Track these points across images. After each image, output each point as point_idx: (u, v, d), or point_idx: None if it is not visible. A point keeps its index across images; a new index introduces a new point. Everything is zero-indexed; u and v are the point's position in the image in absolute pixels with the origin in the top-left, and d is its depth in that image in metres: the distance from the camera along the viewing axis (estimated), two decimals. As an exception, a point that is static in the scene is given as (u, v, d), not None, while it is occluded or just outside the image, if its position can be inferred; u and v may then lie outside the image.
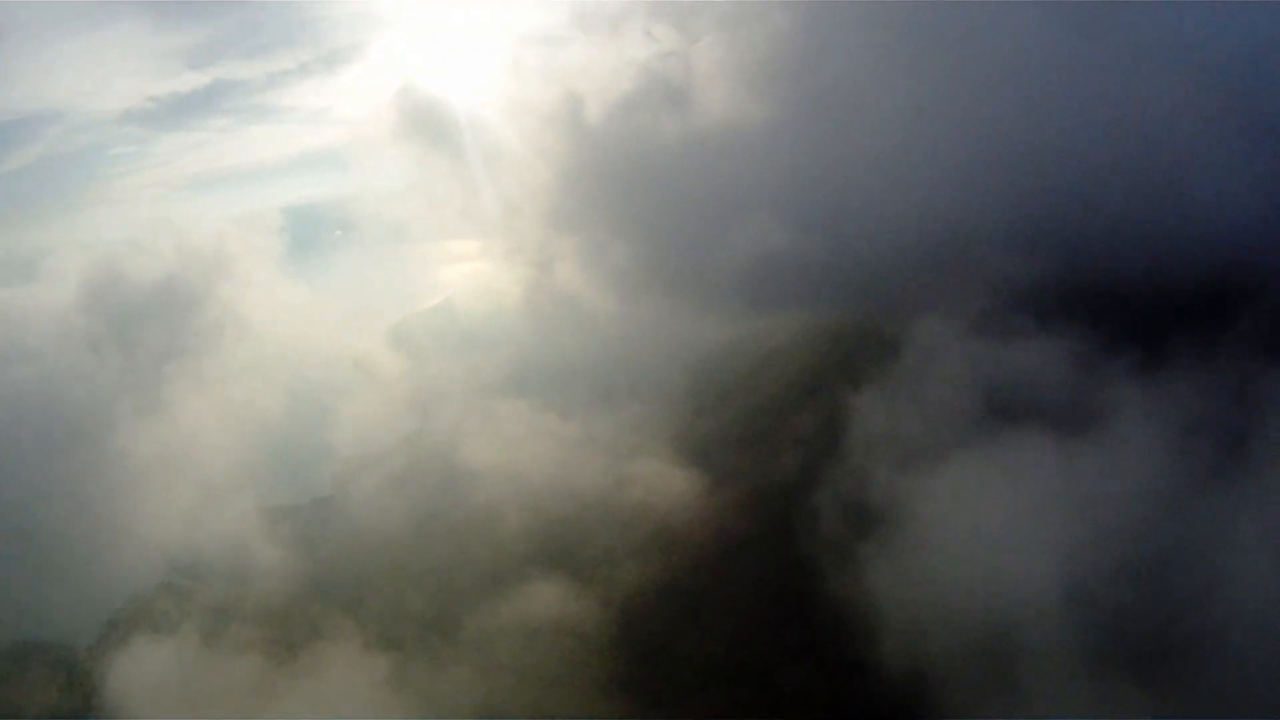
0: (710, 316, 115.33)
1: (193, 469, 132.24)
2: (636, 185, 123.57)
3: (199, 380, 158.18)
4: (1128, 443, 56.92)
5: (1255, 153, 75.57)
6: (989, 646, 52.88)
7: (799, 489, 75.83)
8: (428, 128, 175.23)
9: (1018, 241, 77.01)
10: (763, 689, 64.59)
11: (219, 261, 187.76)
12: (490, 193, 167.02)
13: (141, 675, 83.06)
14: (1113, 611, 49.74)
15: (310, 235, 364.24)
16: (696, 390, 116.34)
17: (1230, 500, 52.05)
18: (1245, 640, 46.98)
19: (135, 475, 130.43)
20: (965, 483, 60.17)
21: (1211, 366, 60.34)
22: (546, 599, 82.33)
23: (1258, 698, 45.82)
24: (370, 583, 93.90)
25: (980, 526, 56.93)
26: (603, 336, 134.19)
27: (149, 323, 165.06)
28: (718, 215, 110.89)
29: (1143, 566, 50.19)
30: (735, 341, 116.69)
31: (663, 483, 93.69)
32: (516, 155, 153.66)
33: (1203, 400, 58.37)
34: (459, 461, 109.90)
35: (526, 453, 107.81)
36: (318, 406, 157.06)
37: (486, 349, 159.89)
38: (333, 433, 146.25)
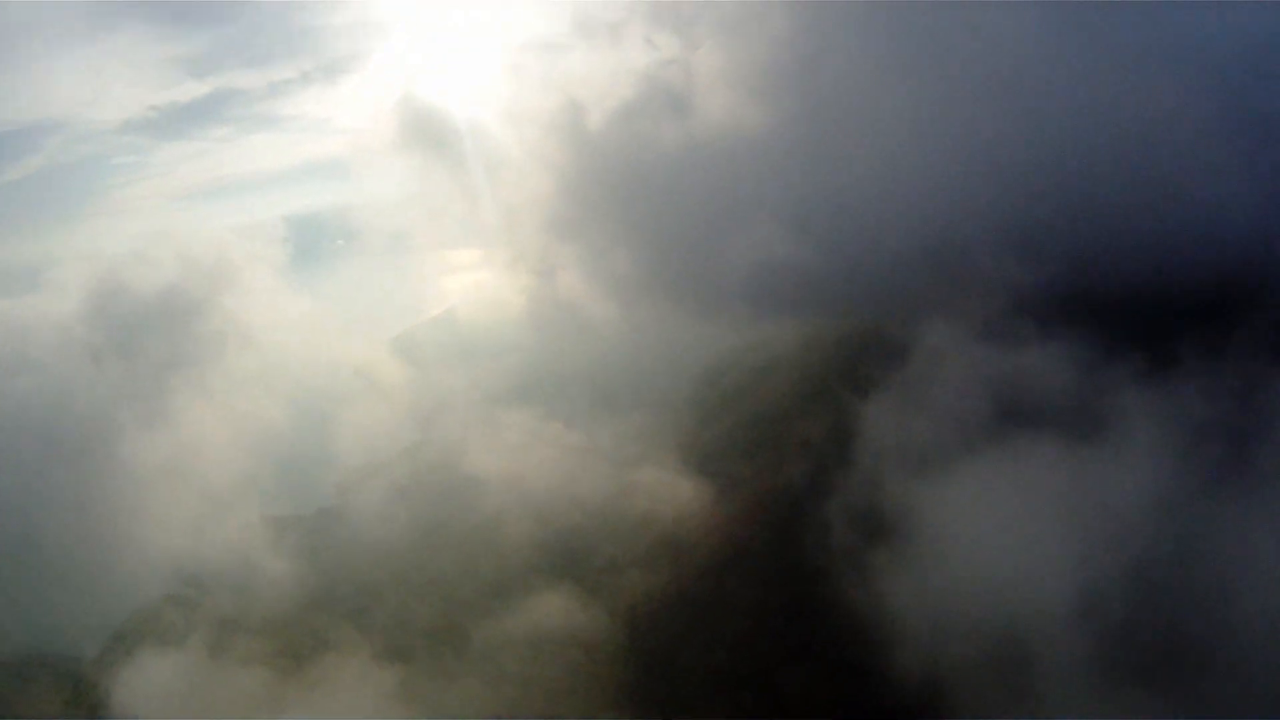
0: (714, 323, 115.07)
1: (196, 479, 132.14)
2: (638, 192, 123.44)
3: (202, 390, 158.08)
4: (1135, 447, 56.88)
5: (1257, 154, 75.60)
6: (1000, 652, 52.76)
7: (805, 496, 75.56)
8: (429, 136, 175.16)
9: (1021, 246, 76.90)
10: (770, 697, 64.44)
11: (221, 271, 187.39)
12: (492, 201, 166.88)
13: (147, 687, 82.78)
14: (1123, 616, 49.66)
15: (312, 245, 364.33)
16: (701, 398, 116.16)
17: (1238, 503, 52.02)
18: (1255, 643, 46.92)
19: (139, 486, 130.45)
20: (974, 489, 60.09)
21: (1218, 370, 60.30)
22: (553, 609, 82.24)
23: (1269, 701, 45.76)
24: (376, 593, 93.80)
25: (990, 532, 56.83)
26: (606, 344, 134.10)
27: (151, 333, 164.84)
28: (720, 222, 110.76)
29: (1152, 571, 50.12)
30: (739, 348, 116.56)
31: (668, 491, 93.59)
32: (518, 163, 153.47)
33: (1209, 404, 58.32)
34: (463, 471, 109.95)
35: (531, 462, 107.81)
36: (321, 416, 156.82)
37: (490, 358, 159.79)
38: (336, 442, 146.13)
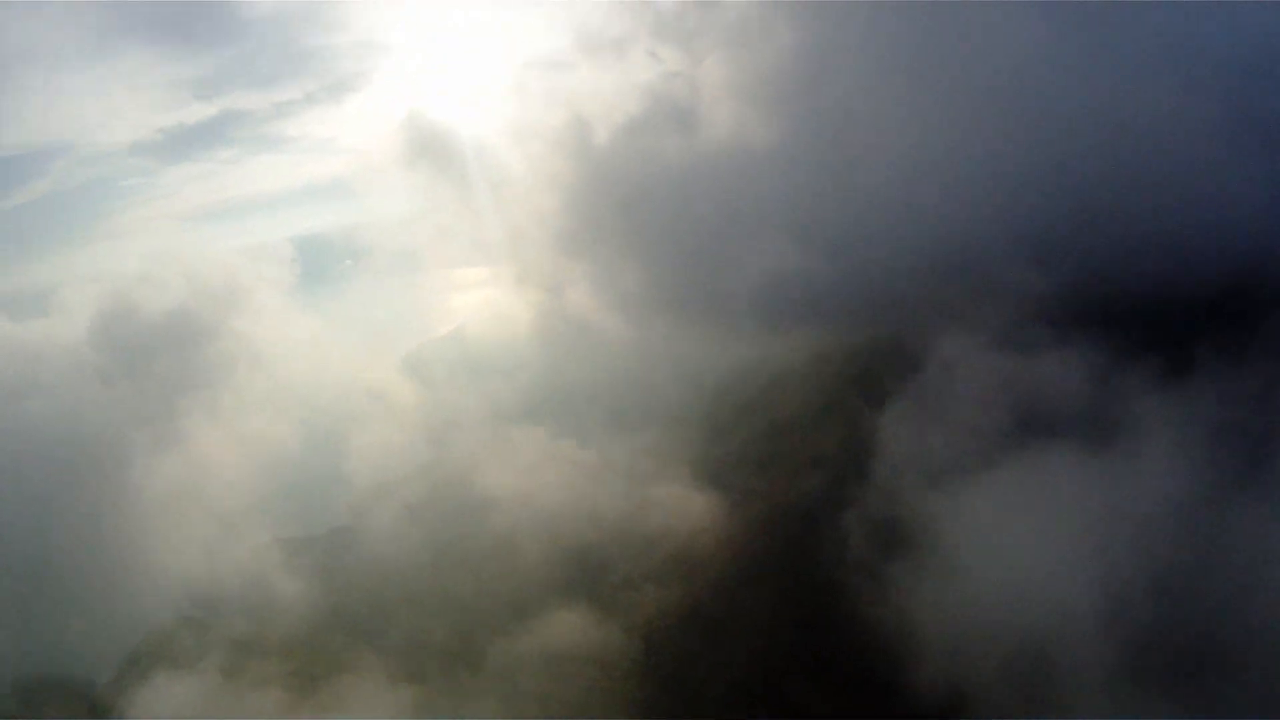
0: (724, 338, 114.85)
1: (208, 501, 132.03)
2: (646, 208, 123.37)
3: (213, 412, 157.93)
4: (1154, 452, 56.59)
5: (1267, 157, 75.50)
6: (1022, 663, 52.36)
7: (821, 509, 75.35)
8: (434, 154, 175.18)
9: (1032, 252, 76.87)
10: (788, 712, 64.09)
11: (230, 293, 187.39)
12: (499, 219, 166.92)
13: (161, 710, 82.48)
14: (1145, 622, 49.26)
15: (320, 265, 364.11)
16: (712, 413, 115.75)
17: (1259, 506, 51.78)
18: (1278, 645, 46.58)
19: (151, 508, 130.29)
20: (993, 498, 59.83)
21: (1234, 373, 60.17)
22: (568, 626, 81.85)
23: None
24: (390, 613, 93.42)
25: (1009, 542, 56.51)
26: (617, 361, 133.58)
27: (161, 355, 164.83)
28: (729, 235, 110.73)
29: (1173, 576, 49.73)
30: (750, 362, 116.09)
31: (681, 506, 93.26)
32: (524, 180, 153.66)
33: (1227, 407, 58.07)
34: (476, 490, 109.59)
35: (543, 479, 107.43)
36: (332, 437, 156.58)
37: (500, 376, 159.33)
38: (348, 462, 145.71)
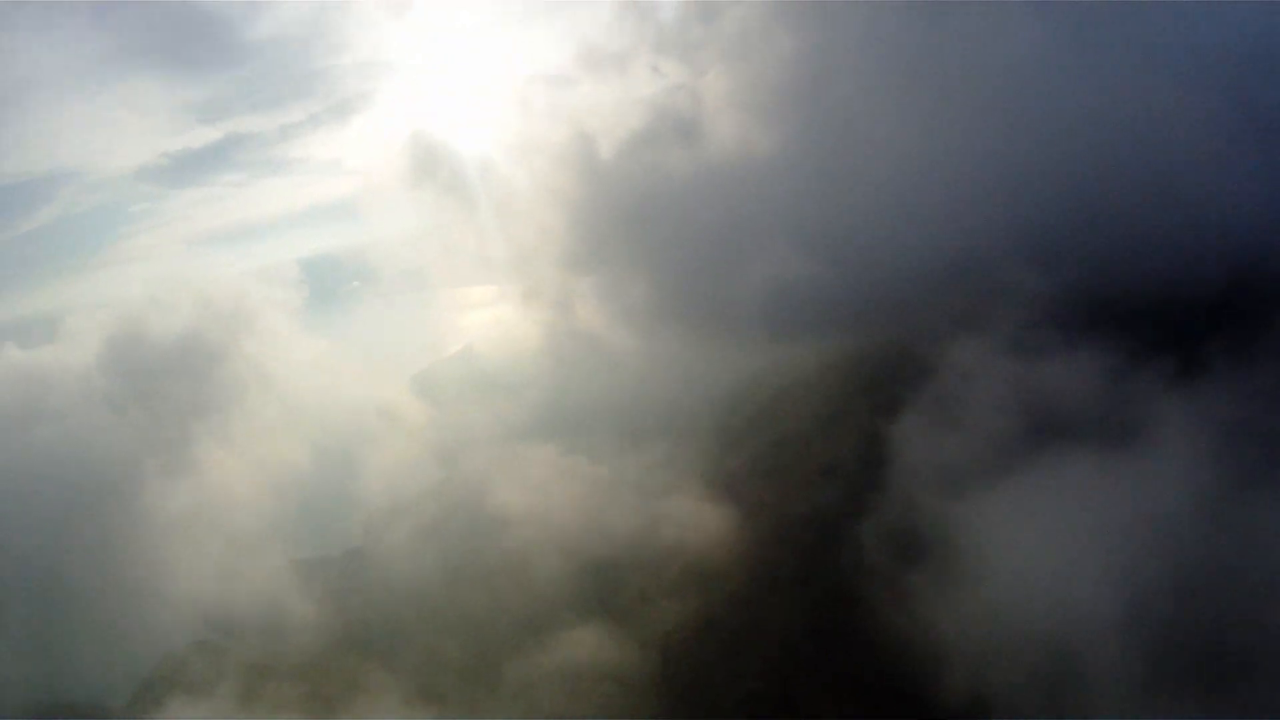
0: (733, 349, 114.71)
1: (221, 525, 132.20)
2: (652, 221, 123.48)
3: (224, 436, 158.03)
4: (1170, 453, 56.21)
5: (1269, 152, 75.41)
6: (1046, 669, 51.99)
7: (835, 519, 74.95)
8: (439, 173, 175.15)
9: (1039, 255, 76.64)
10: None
11: (239, 316, 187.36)
12: (505, 236, 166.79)
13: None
14: (1168, 623, 48.90)
15: (328, 286, 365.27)
16: (723, 424, 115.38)
17: (1278, 502, 51.29)
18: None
19: (164, 533, 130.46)
20: (1010, 504, 59.41)
21: (1247, 370, 59.86)
22: (585, 643, 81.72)
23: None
24: (406, 633, 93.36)
25: (1028, 547, 56.07)
26: (626, 375, 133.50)
27: (171, 380, 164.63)
28: (735, 246, 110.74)
29: (1195, 576, 49.37)
30: (759, 372, 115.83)
31: (695, 520, 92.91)
32: (529, 197, 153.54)
33: (1241, 404, 57.73)
34: (489, 508, 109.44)
35: (556, 496, 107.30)
36: (344, 458, 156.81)
37: (510, 394, 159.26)
38: (360, 483, 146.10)
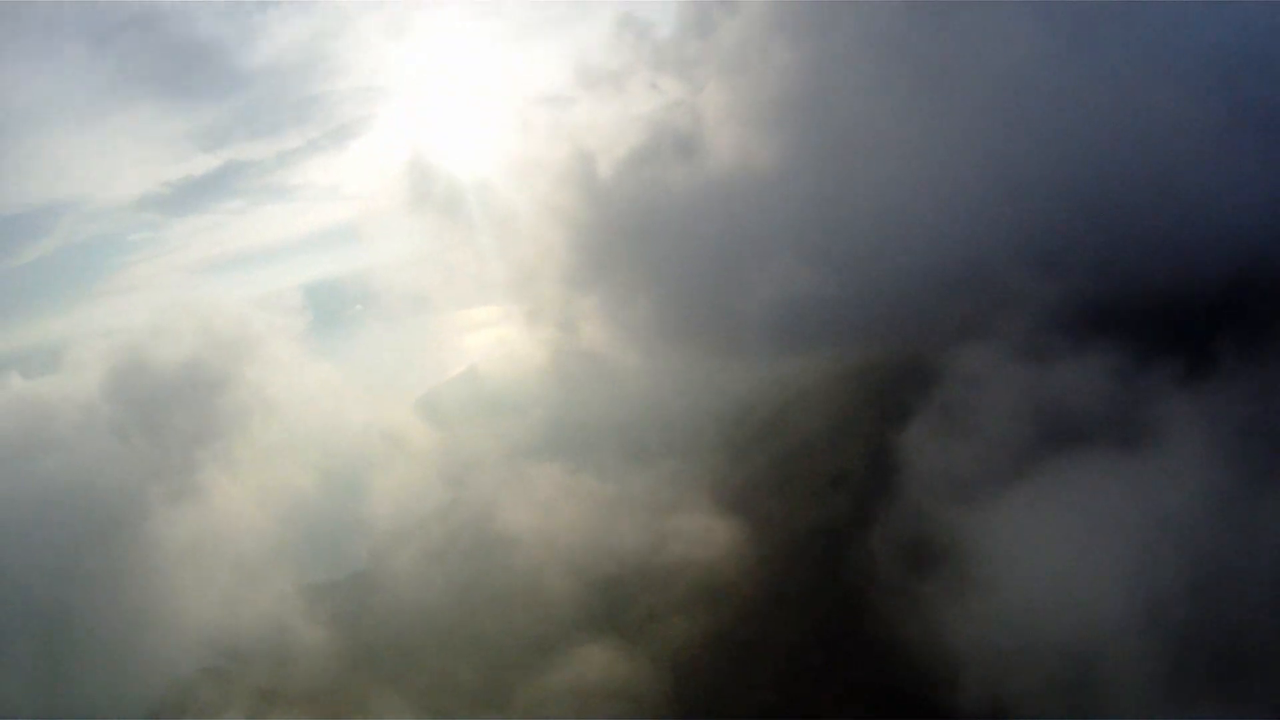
0: (738, 363, 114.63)
1: (228, 551, 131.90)
2: (654, 238, 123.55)
3: (229, 462, 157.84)
4: (1183, 453, 55.75)
5: (1270, 148, 75.36)
6: (1065, 676, 51.57)
7: (846, 529, 74.76)
8: (439, 195, 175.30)
9: (1044, 259, 76.52)
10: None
11: (242, 343, 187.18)
12: (506, 257, 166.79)
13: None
14: (1188, 625, 48.52)
15: (330, 311, 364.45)
16: (729, 438, 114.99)
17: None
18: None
19: (170, 560, 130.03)
20: (1023, 510, 58.98)
21: (1255, 366, 59.45)
22: (596, 662, 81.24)
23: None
24: (415, 656, 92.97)
25: (1043, 553, 55.68)
26: (631, 392, 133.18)
27: (175, 408, 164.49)
28: (738, 260, 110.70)
29: (1212, 576, 48.99)
30: (765, 386, 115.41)
31: (703, 535, 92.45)
32: (531, 217, 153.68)
33: (1252, 401, 57.36)
34: (496, 528, 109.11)
35: (564, 515, 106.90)
36: (350, 482, 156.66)
37: (515, 414, 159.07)
38: (367, 507, 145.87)
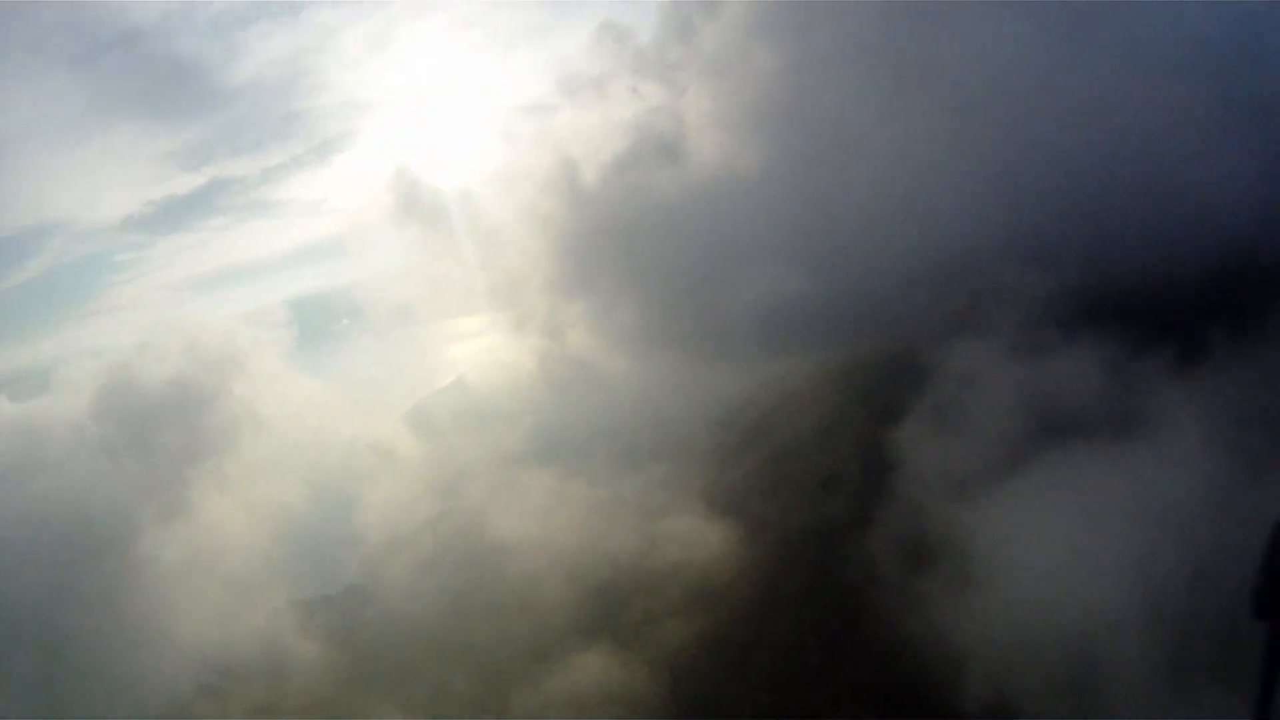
0: (727, 365, 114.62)
1: (220, 568, 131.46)
2: (639, 243, 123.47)
3: (219, 479, 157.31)
4: (1179, 442, 55.66)
5: (1256, 136, 75.75)
6: (1069, 670, 51.55)
7: (841, 529, 74.84)
8: (423, 207, 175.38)
9: (1033, 253, 76.55)
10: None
11: (229, 360, 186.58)
12: (492, 266, 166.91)
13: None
14: (1189, 615, 48.49)
15: (317, 326, 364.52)
16: (720, 441, 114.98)
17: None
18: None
19: (163, 579, 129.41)
20: (1021, 504, 59.01)
21: (1248, 353, 59.64)
22: (592, 668, 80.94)
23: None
24: (412, 667, 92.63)
25: (1043, 548, 55.53)
26: (621, 398, 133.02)
27: (165, 426, 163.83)
28: (724, 263, 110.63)
29: (1213, 565, 48.92)
30: (755, 388, 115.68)
31: (696, 538, 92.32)
32: (516, 225, 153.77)
33: (1244, 388, 57.47)
34: (489, 537, 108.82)
35: (556, 522, 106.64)
36: (341, 495, 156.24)
37: (505, 422, 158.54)
38: (358, 520, 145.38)
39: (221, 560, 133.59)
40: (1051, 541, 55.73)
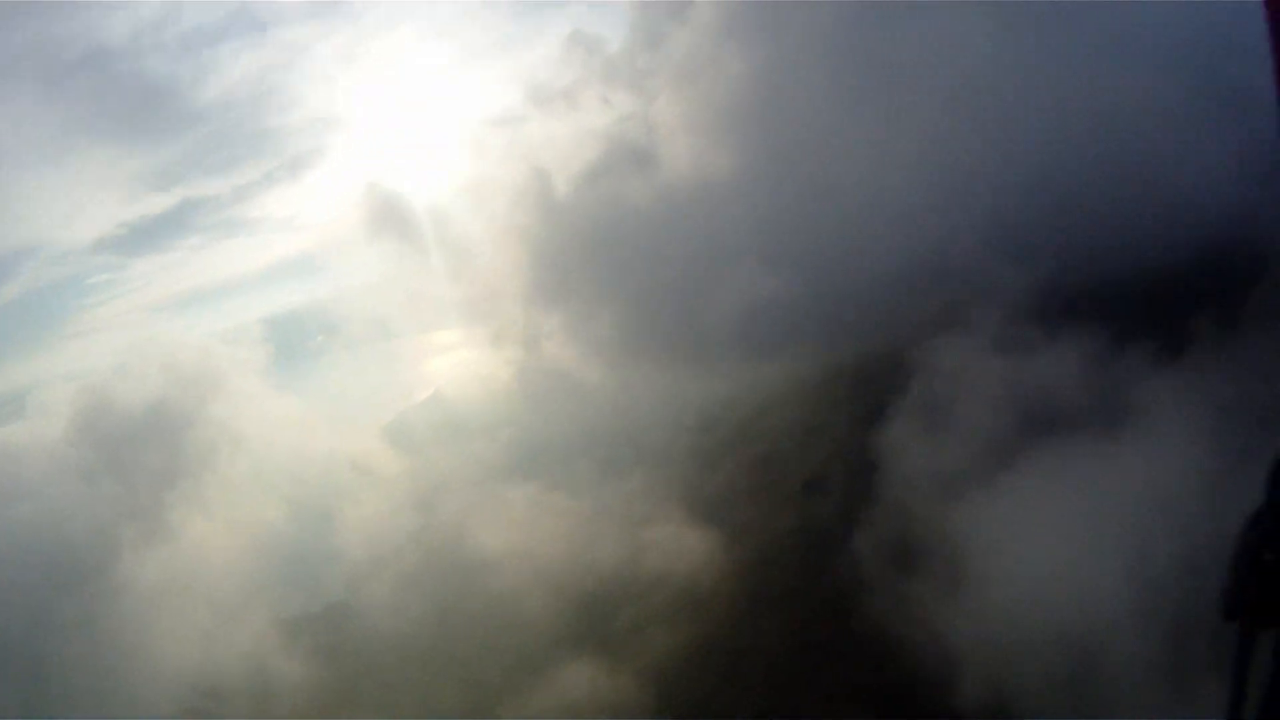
0: (706, 372, 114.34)
1: (203, 590, 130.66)
2: (615, 251, 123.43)
3: (199, 500, 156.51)
4: (1164, 433, 55.63)
5: (1232, 127, 75.88)
6: (1064, 667, 51.24)
7: (824, 531, 74.74)
8: (396, 221, 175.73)
9: (1013, 249, 76.65)
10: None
11: (206, 380, 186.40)
12: (467, 278, 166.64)
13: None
14: (1183, 607, 48.22)
15: (293, 343, 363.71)
16: (699, 448, 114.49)
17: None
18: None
19: (145, 603, 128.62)
20: (1009, 501, 58.75)
21: (1230, 343, 59.49)
22: (579, 678, 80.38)
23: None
24: (398, 683, 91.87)
25: (1032, 544, 55.30)
26: (599, 407, 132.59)
27: (142, 447, 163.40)
28: (701, 269, 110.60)
29: (1204, 556, 48.77)
30: (734, 393, 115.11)
31: (679, 545, 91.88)
32: (490, 238, 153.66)
33: (1228, 378, 57.30)
34: (471, 551, 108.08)
35: (539, 534, 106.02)
36: (321, 513, 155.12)
37: (483, 435, 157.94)
38: (339, 537, 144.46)
39: (203, 581, 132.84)
40: (1041, 537, 55.47)
